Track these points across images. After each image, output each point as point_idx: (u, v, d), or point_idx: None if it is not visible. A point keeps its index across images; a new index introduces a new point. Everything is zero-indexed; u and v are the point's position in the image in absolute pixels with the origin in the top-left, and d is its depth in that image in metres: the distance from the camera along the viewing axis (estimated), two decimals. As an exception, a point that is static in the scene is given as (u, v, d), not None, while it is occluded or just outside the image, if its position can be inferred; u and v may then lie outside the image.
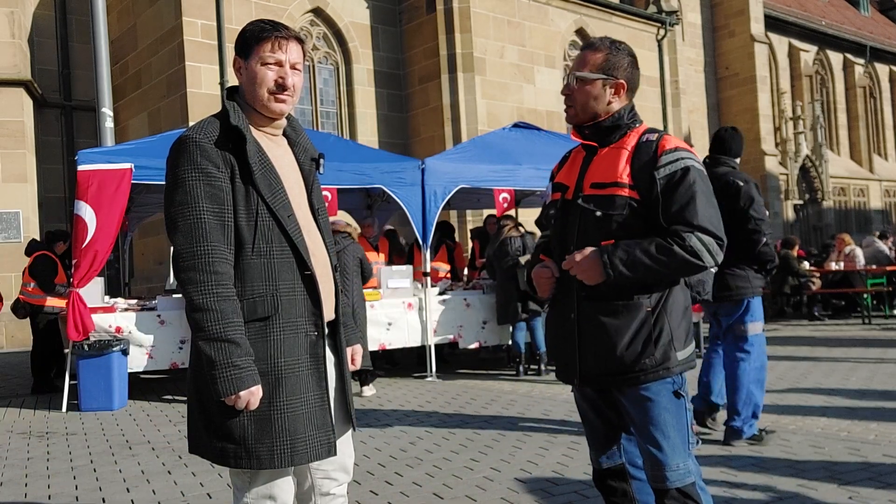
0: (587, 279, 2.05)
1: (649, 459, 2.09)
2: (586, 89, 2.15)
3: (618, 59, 2.16)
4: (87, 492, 3.99)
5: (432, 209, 7.50)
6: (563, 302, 2.22)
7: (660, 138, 2.09)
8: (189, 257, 1.81)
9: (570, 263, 2.08)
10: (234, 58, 1.99)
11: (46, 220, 12.88)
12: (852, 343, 8.83)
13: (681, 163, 2.04)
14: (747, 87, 22.26)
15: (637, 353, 2.06)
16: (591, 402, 2.27)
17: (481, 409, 5.82)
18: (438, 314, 7.56)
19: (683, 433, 2.07)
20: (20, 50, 12.28)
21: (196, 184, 1.83)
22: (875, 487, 3.44)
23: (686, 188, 2.02)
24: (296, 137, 2.10)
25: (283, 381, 1.87)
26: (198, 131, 1.88)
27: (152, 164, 6.53)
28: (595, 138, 2.19)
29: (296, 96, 1.99)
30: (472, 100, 13.74)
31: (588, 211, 2.12)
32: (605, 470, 2.27)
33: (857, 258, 12.10)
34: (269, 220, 1.88)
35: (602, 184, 2.11)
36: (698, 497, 2.07)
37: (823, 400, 5.54)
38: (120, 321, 6.53)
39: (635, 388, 2.09)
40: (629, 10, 17.35)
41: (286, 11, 12.95)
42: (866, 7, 31.98)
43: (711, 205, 2.04)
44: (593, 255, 2.04)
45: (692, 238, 1.98)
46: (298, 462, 1.89)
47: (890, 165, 28.28)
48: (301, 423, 1.88)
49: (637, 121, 2.19)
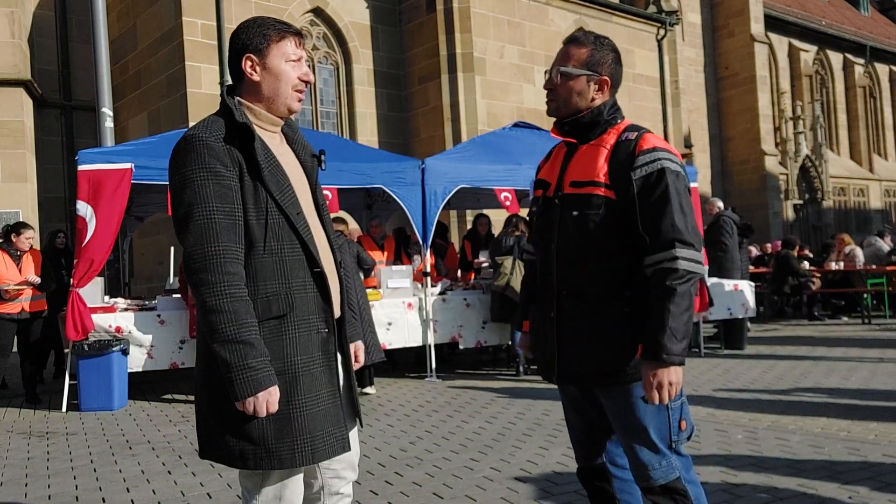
0: (674, 386, 1.97)
1: (632, 459, 2.10)
2: (570, 85, 2.15)
3: (602, 55, 2.15)
4: (87, 492, 3.99)
5: (432, 209, 7.49)
6: (543, 300, 2.22)
7: (639, 137, 2.08)
8: (200, 259, 1.78)
9: (655, 401, 1.99)
10: (245, 56, 1.93)
11: (46, 219, 12.88)
12: (852, 343, 8.83)
13: (657, 164, 2.03)
14: (747, 86, 22.26)
15: (615, 353, 2.06)
16: (574, 400, 2.27)
17: (481, 409, 5.82)
18: (438, 314, 7.56)
19: (664, 432, 2.07)
20: (20, 50, 12.27)
21: (205, 183, 1.80)
22: (875, 487, 3.44)
23: (661, 191, 2.01)
24: (293, 135, 2.10)
25: (299, 379, 1.87)
26: (203, 130, 1.86)
27: (152, 164, 6.53)
28: (574, 134, 2.19)
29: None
30: (472, 100, 13.74)
31: (566, 210, 2.12)
32: (587, 469, 2.28)
33: (856, 258, 12.10)
34: (279, 217, 1.87)
35: (580, 182, 2.11)
36: (686, 490, 2.06)
37: (824, 400, 5.54)
38: (120, 321, 6.52)
39: (614, 389, 2.09)
40: (629, 10, 17.34)
41: (286, 11, 12.94)
42: (866, 7, 31.97)
43: (686, 208, 2.03)
44: (652, 370, 1.97)
45: (679, 263, 1.97)
46: (319, 459, 1.89)
47: (890, 165, 28.28)
48: (318, 420, 1.88)
49: (618, 117, 2.17)
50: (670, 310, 1.95)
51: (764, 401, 5.59)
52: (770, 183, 22.03)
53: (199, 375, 1.94)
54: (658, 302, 1.97)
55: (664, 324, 1.95)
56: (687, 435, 2.10)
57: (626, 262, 2.07)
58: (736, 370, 7.12)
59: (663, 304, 1.96)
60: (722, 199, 12.98)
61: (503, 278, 7.29)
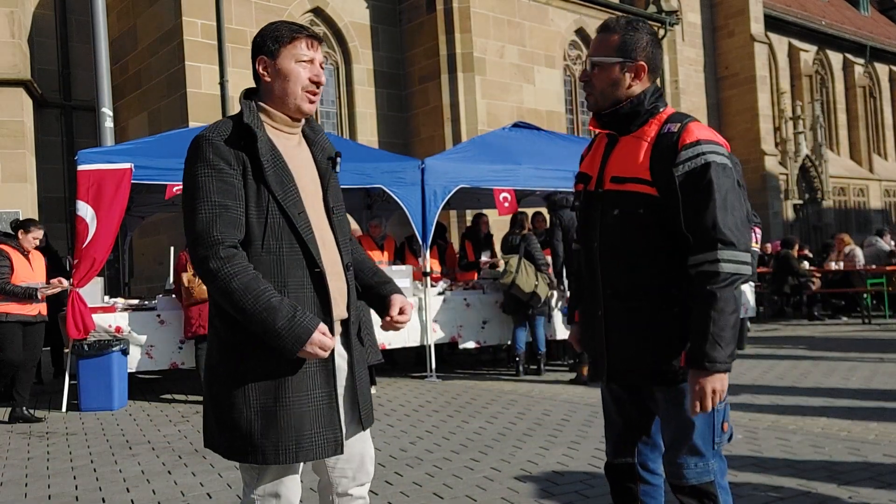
0: (717, 394, 1.92)
1: (670, 454, 2.05)
2: (603, 75, 2.05)
3: (635, 38, 2.04)
4: (87, 492, 3.99)
5: (432, 209, 7.49)
6: (591, 299, 2.17)
7: (682, 129, 1.97)
8: (203, 248, 1.84)
9: (696, 411, 1.95)
10: (259, 58, 1.98)
11: (46, 219, 12.85)
12: (852, 343, 8.83)
13: (701, 158, 1.92)
14: (747, 86, 22.23)
15: (665, 353, 2.00)
16: (617, 399, 2.21)
17: (481, 409, 5.82)
18: (438, 314, 7.56)
19: (709, 433, 2.02)
20: (20, 50, 12.26)
21: (208, 180, 1.86)
22: (875, 487, 3.44)
23: (704, 187, 1.91)
24: (314, 137, 2.12)
25: (289, 377, 1.88)
26: (211, 130, 1.92)
27: (152, 164, 6.52)
28: (614, 126, 2.09)
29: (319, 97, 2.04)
30: (472, 100, 13.73)
31: (607, 208, 2.05)
32: (616, 465, 2.23)
33: (856, 258, 12.10)
34: (278, 217, 1.90)
35: (621, 178, 2.03)
36: (716, 496, 2.02)
37: (823, 400, 5.54)
38: (120, 321, 6.52)
39: (663, 388, 2.05)
40: (629, 10, 17.34)
41: (286, 11, 12.94)
42: (866, 7, 31.96)
43: (732, 206, 1.93)
44: (695, 378, 1.92)
45: (722, 266, 1.89)
46: (304, 458, 1.90)
47: (890, 165, 28.26)
48: (307, 420, 1.89)
49: (660, 105, 2.06)
50: (712, 316, 1.88)
51: (764, 401, 5.59)
52: (770, 183, 22.01)
53: (204, 366, 2.01)
54: (700, 307, 1.91)
55: (706, 331, 1.88)
56: (728, 436, 2.07)
57: (673, 260, 1.99)
58: (736, 370, 7.12)
59: (705, 310, 1.89)
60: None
61: (509, 276, 7.30)
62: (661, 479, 2.15)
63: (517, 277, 7.26)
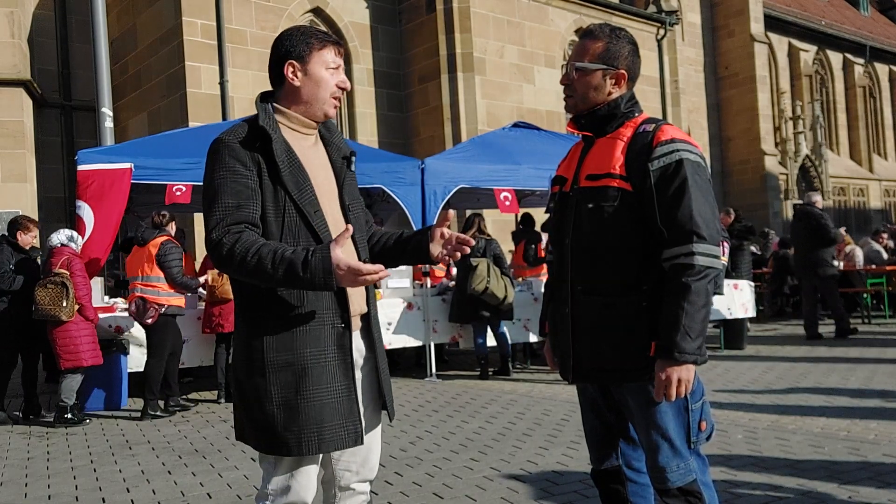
0: (683, 384, 1.95)
1: (651, 460, 2.07)
2: (586, 80, 2.12)
3: (618, 47, 2.11)
4: (87, 492, 3.99)
5: (432, 209, 7.49)
6: (558, 296, 2.19)
7: (656, 129, 2.03)
8: (216, 233, 1.88)
9: (661, 396, 1.97)
10: (288, 62, 2.01)
11: (46, 220, 12.86)
12: (852, 343, 8.83)
13: (675, 155, 1.99)
14: (747, 86, 22.24)
15: (633, 349, 2.02)
16: (592, 402, 2.24)
17: (481, 409, 5.82)
18: (438, 314, 7.56)
19: (683, 433, 2.03)
20: (20, 50, 12.26)
21: (223, 182, 1.92)
22: (875, 487, 3.44)
23: (679, 182, 1.97)
24: (330, 137, 2.17)
25: (309, 370, 1.92)
26: (228, 133, 1.98)
27: (152, 163, 6.52)
28: (591, 128, 2.16)
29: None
30: (472, 100, 13.73)
31: (581, 204, 2.09)
32: (602, 470, 2.25)
33: (856, 258, 12.09)
34: (295, 215, 1.95)
35: (596, 175, 2.08)
36: (701, 494, 2.04)
37: (823, 400, 5.54)
38: (120, 321, 6.52)
39: (631, 386, 2.06)
40: (629, 9, 17.35)
41: (286, 11, 12.94)
42: (866, 7, 31.96)
43: (706, 201, 1.99)
44: (663, 367, 1.95)
45: (696, 258, 1.93)
46: (326, 450, 1.94)
47: (890, 165, 28.27)
48: (328, 411, 1.93)
49: (636, 110, 2.14)
50: (684, 307, 1.92)
51: (764, 401, 5.59)
52: (770, 183, 22.02)
53: (234, 361, 2.05)
54: (673, 298, 1.95)
55: (678, 321, 1.92)
56: (707, 435, 2.08)
57: (643, 255, 2.03)
58: (736, 370, 7.12)
59: (678, 301, 1.93)
60: (721, 199, 12.97)
61: (481, 282, 7.06)
62: (647, 476, 2.16)
63: (490, 284, 7.16)
